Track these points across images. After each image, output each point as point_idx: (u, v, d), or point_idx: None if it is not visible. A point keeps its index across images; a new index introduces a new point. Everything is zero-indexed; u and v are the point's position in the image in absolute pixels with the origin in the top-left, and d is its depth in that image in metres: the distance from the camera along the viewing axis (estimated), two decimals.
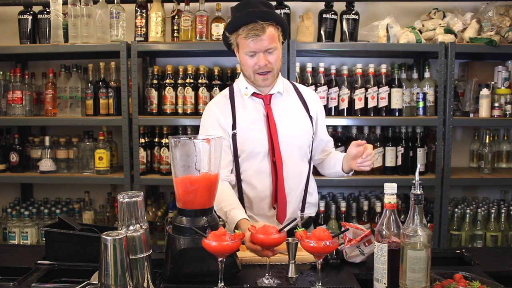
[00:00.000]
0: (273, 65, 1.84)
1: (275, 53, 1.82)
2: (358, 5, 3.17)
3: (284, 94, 1.97)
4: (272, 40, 1.79)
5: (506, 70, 3.11)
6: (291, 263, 1.65)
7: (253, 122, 1.91)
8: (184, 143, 1.59)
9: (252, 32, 1.76)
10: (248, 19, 1.77)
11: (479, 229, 3.02)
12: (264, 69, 1.84)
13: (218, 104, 2.00)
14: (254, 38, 1.77)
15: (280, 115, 1.93)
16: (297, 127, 1.94)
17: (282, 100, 1.97)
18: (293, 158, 1.94)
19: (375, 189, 3.32)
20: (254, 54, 1.81)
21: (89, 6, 2.99)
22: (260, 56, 1.81)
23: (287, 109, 1.96)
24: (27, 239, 3.06)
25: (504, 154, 3.27)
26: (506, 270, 1.74)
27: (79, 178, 3.09)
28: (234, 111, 1.95)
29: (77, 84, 3.10)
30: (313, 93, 2.11)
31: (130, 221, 1.45)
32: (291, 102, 1.99)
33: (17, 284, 1.59)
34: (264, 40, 1.77)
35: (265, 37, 1.77)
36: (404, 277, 1.38)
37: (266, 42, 1.78)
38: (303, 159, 1.97)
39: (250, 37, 1.77)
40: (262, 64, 1.82)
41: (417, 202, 1.38)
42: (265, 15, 1.78)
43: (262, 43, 1.78)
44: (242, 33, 1.79)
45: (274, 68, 1.85)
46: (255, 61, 1.82)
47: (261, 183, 1.92)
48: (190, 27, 3.00)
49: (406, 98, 3.05)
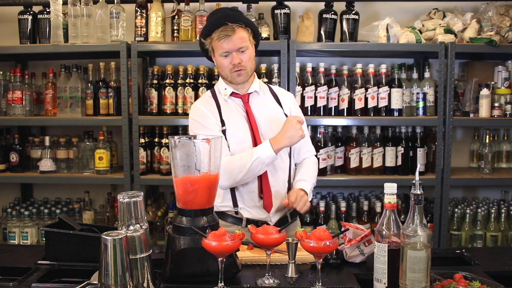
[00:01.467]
0: (245, 63, 1.99)
1: (246, 52, 1.98)
2: (358, 5, 3.17)
3: (261, 93, 2.12)
4: (242, 40, 1.95)
5: (506, 70, 3.11)
6: (291, 263, 1.65)
7: (236, 121, 2.04)
8: (184, 143, 1.59)
9: (223, 33, 1.92)
10: (218, 23, 1.94)
11: (479, 229, 3.02)
12: (237, 67, 1.98)
13: (203, 104, 2.11)
14: (226, 38, 1.93)
15: (259, 112, 2.07)
16: (274, 122, 2.05)
17: (259, 99, 2.11)
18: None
19: (375, 189, 3.32)
20: (227, 54, 1.97)
21: (89, 6, 2.99)
22: (233, 55, 1.96)
23: (264, 106, 2.10)
24: (27, 239, 3.06)
25: (504, 154, 3.27)
26: (506, 270, 1.74)
27: (79, 178, 3.09)
28: (220, 109, 2.07)
29: (77, 84, 3.10)
30: (286, 92, 2.26)
31: (130, 221, 1.45)
32: (267, 100, 2.13)
33: (17, 284, 1.59)
34: (235, 40, 1.93)
35: (235, 37, 1.93)
36: (404, 277, 1.38)
37: (237, 41, 1.94)
38: (284, 152, 2.08)
39: (222, 37, 1.93)
40: (235, 62, 1.96)
41: (417, 202, 1.38)
42: (234, 17, 1.96)
43: (234, 43, 1.94)
44: (215, 36, 1.95)
45: (247, 66, 2.00)
46: (229, 61, 1.97)
47: None
48: (190, 27, 3.00)
49: (406, 98, 3.05)
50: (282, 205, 2.05)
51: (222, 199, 2.07)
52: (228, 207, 2.06)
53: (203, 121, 2.05)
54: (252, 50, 2.02)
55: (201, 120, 2.05)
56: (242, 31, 1.96)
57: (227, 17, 1.95)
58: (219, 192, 2.04)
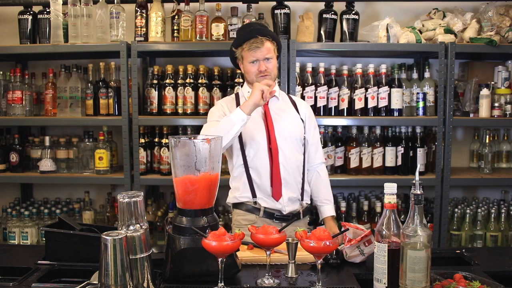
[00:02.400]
0: (270, 70, 2.23)
1: (271, 61, 2.24)
2: (358, 5, 3.17)
3: (280, 99, 2.37)
4: (269, 51, 2.23)
5: (506, 70, 3.11)
6: (291, 263, 1.65)
7: (253, 118, 2.21)
8: (184, 143, 1.59)
9: (254, 45, 2.20)
10: (250, 35, 2.22)
11: (479, 229, 3.02)
12: (264, 73, 2.22)
13: (225, 101, 2.38)
14: (255, 50, 2.20)
15: (276, 113, 2.31)
16: (290, 122, 2.31)
17: (278, 103, 2.36)
18: (288, 146, 2.27)
19: (375, 189, 3.32)
20: (255, 62, 2.22)
21: (89, 6, 2.99)
22: (261, 63, 2.22)
23: (281, 109, 2.34)
24: (27, 239, 3.06)
25: (504, 154, 3.27)
26: (506, 270, 1.74)
27: (79, 178, 3.09)
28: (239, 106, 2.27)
29: (77, 84, 3.10)
30: (303, 101, 2.49)
31: (130, 221, 1.45)
32: (285, 105, 2.38)
33: (17, 284, 1.59)
34: (263, 51, 2.21)
35: (263, 48, 2.20)
36: (404, 277, 1.38)
37: (264, 52, 2.21)
38: (297, 149, 2.30)
39: (252, 48, 2.20)
40: (262, 69, 2.22)
41: (417, 202, 1.38)
42: (264, 32, 2.24)
43: (262, 53, 2.21)
44: (246, 46, 2.22)
45: (271, 73, 2.24)
46: (257, 67, 2.23)
47: (261, 166, 2.24)
48: (190, 27, 3.00)
49: (406, 98, 3.05)
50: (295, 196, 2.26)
51: (241, 191, 2.26)
52: (247, 198, 2.25)
53: (220, 111, 2.27)
54: (276, 60, 2.27)
55: (217, 110, 2.29)
56: (269, 44, 2.22)
57: (257, 31, 2.22)
58: (238, 185, 2.27)
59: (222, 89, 3.10)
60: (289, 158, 2.25)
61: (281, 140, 2.25)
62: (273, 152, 2.22)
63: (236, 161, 2.29)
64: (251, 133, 2.26)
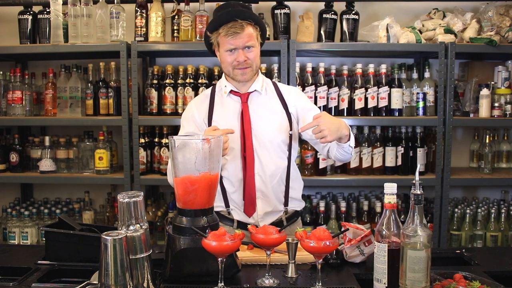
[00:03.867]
0: (251, 61, 1.93)
1: (253, 50, 1.93)
2: (358, 5, 3.17)
3: (263, 93, 2.05)
4: (250, 38, 1.90)
5: (506, 70, 3.11)
6: (291, 263, 1.65)
7: (228, 120, 2.00)
8: (184, 143, 1.59)
9: (231, 30, 1.86)
10: (228, 18, 1.88)
11: (479, 229, 3.02)
12: (243, 65, 1.92)
13: (197, 101, 2.12)
14: (234, 36, 1.87)
15: (256, 112, 2.01)
16: (272, 123, 2.00)
17: (260, 98, 2.05)
18: (267, 153, 2.00)
19: (375, 189, 3.32)
20: (233, 51, 1.91)
21: (89, 6, 2.99)
22: (239, 52, 1.91)
23: (263, 107, 2.03)
24: (27, 239, 3.06)
25: (504, 154, 3.27)
26: (506, 270, 1.74)
27: (79, 178, 3.09)
28: (212, 108, 2.06)
29: (77, 84, 3.10)
30: (293, 89, 2.15)
31: (130, 221, 1.45)
32: (268, 100, 2.06)
33: (17, 284, 1.59)
34: (243, 38, 1.88)
35: (243, 34, 1.87)
36: (404, 277, 1.38)
37: (244, 39, 1.88)
38: (279, 154, 2.02)
39: (229, 34, 1.87)
40: (241, 59, 1.91)
41: (417, 202, 1.38)
42: (244, 15, 1.89)
43: (241, 40, 1.88)
44: (222, 31, 1.89)
45: (252, 64, 1.94)
46: (234, 57, 1.91)
47: (234, 175, 2.01)
48: (190, 27, 3.00)
49: (406, 98, 3.05)
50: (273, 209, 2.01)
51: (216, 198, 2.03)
52: (221, 207, 2.05)
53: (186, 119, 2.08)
54: (258, 48, 1.97)
55: (186, 116, 2.09)
56: (251, 29, 1.90)
57: (237, 13, 1.89)
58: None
59: None
60: (268, 167, 1.98)
61: (259, 146, 1.98)
62: (247, 160, 1.96)
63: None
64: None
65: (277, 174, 2.02)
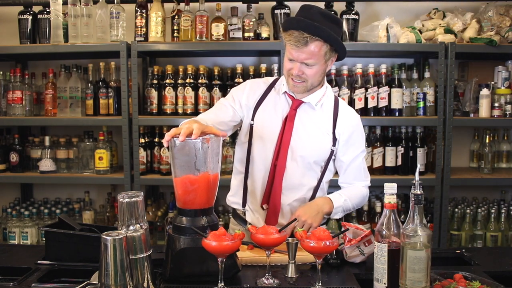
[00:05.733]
0: (307, 77, 1.82)
1: (313, 68, 1.80)
2: (358, 5, 3.17)
3: (317, 108, 1.94)
4: (312, 55, 1.76)
5: (506, 70, 3.11)
6: (291, 263, 1.65)
7: (272, 119, 1.92)
8: (184, 143, 1.58)
9: (294, 41, 1.75)
10: (296, 26, 1.75)
11: (479, 229, 3.01)
12: (297, 78, 1.83)
13: (253, 84, 2.02)
14: (295, 48, 1.76)
15: (301, 123, 1.92)
16: (312, 141, 1.92)
17: (310, 112, 1.94)
18: (297, 169, 1.93)
19: (375, 189, 3.31)
20: (292, 61, 1.81)
21: (89, 6, 2.99)
22: (297, 65, 1.80)
23: (310, 121, 1.93)
24: (27, 239, 3.06)
25: (504, 154, 3.26)
26: (506, 270, 1.74)
27: (79, 178, 3.09)
28: (263, 99, 1.97)
29: (77, 84, 3.10)
30: (351, 116, 1.99)
31: (130, 221, 1.45)
32: (319, 116, 1.94)
33: (17, 284, 1.59)
34: (304, 53, 1.75)
35: (305, 50, 1.75)
36: (404, 277, 1.38)
37: (304, 55, 1.76)
38: (309, 173, 1.95)
39: (292, 45, 1.76)
40: (295, 73, 1.81)
41: (417, 202, 1.38)
42: (313, 30, 1.72)
43: (301, 55, 1.76)
44: (287, 37, 1.78)
45: (307, 80, 1.83)
46: (291, 67, 1.82)
47: (259, 176, 1.95)
48: (190, 27, 3.00)
49: (406, 98, 3.05)
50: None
51: (234, 192, 2.03)
52: (237, 204, 2.01)
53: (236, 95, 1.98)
54: (322, 66, 1.82)
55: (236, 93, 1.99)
56: (317, 46, 1.74)
57: (306, 25, 1.72)
58: (234, 183, 2.02)
59: (222, 89, 3.10)
60: (294, 184, 1.91)
61: (291, 160, 1.90)
62: (277, 170, 1.90)
63: (240, 152, 1.99)
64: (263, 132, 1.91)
65: (302, 193, 1.95)
